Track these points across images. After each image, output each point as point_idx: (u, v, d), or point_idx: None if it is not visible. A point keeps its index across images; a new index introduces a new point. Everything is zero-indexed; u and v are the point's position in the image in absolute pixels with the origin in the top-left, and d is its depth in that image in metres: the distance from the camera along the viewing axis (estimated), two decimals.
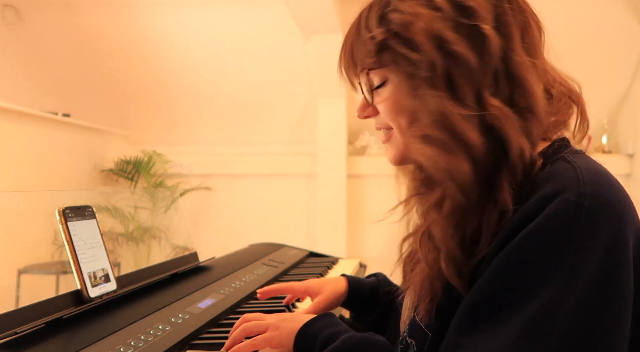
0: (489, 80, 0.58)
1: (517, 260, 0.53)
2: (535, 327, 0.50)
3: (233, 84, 4.03)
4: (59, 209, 0.87)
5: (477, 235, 0.58)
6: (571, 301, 0.50)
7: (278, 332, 0.75)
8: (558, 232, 0.52)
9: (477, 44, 0.58)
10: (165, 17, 3.80)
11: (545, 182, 0.56)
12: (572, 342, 0.49)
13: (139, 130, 4.31)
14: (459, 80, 0.58)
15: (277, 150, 4.18)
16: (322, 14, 3.17)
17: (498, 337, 0.52)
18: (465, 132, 0.57)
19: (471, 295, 0.56)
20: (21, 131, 3.16)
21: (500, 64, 0.58)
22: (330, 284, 0.99)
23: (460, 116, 0.57)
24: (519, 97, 0.59)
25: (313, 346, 0.71)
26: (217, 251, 1.60)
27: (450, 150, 0.57)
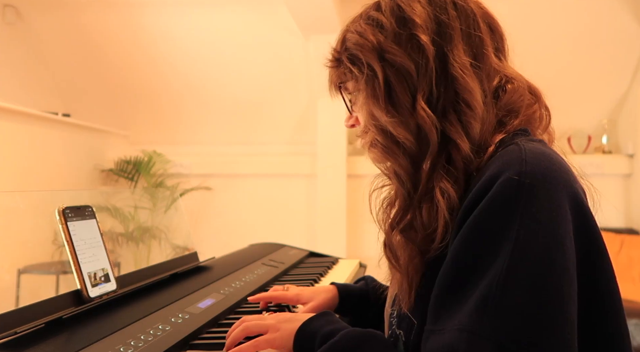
0: (426, 84, 0.65)
1: (469, 241, 0.58)
2: (488, 299, 0.53)
3: (233, 84, 4.03)
4: (59, 209, 0.87)
5: (430, 223, 0.64)
6: (519, 271, 0.53)
7: (279, 333, 0.75)
8: (502, 210, 0.56)
9: (415, 52, 0.65)
10: (165, 17, 3.80)
11: (493, 164, 0.60)
12: (522, 309, 0.52)
13: (139, 130, 4.31)
14: (397, 87, 0.66)
15: (277, 150, 4.18)
16: (322, 14, 3.17)
17: (459, 315, 0.55)
18: (397, 135, 0.66)
19: (437, 281, 0.60)
20: (21, 131, 3.16)
21: (438, 67, 0.65)
22: (323, 292, 1.01)
23: (395, 123, 0.66)
24: (457, 95, 0.65)
25: (313, 344, 0.71)
26: (217, 251, 1.60)
27: (389, 151, 0.67)
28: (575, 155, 3.81)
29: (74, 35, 3.98)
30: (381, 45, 0.67)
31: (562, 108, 4.77)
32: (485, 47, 0.68)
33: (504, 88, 0.68)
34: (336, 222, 3.83)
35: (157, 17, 3.82)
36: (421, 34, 0.65)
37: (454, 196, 0.62)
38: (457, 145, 0.64)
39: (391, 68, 0.66)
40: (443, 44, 0.65)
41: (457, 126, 0.64)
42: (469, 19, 0.68)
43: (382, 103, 0.66)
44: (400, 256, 0.68)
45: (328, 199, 3.85)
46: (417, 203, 0.66)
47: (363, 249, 3.94)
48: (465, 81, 0.64)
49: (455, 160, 0.64)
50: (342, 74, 0.74)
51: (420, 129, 0.65)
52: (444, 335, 0.56)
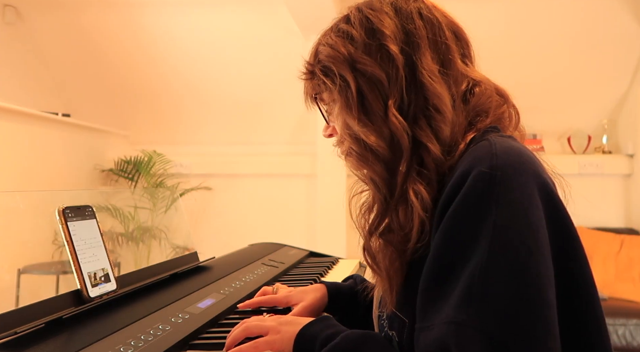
0: (396, 92, 0.67)
1: (448, 236, 0.59)
2: (471, 289, 0.55)
3: (233, 84, 4.03)
4: (59, 209, 0.87)
5: (406, 224, 0.67)
6: (497, 260, 0.55)
7: (279, 336, 0.75)
8: (477, 202, 0.58)
9: (385, 61, 0.68)
10: (165, 17, 3.80)
11: (464, 160, 0.63)
12: (504, 297, 0.54)
13: (139, 130, 4.31)
14: (369, 96, 0.68)
15: (277, 150, 4.18)
16: (322, 14, 3.17)
17: (445, 309, 0.57)
18: (371, 143, 0.68)
19: (422, 278, 0.62)
20: (21, 131, 3.16)
21: (408, 75, 0.68)
22: (312, 292, 1.01)
23: (368, 132, 0.68)
24: (426, 101, 0.67)
25: (313, 347, 0.71)
26: (217, 251, 1.60)
27: (364, 159, 0.70)
28: (575, 156, 3.81)
29: (74, 35, 3.98)
30: (352, 56, 0.69)
31: (562, 108, 4.81)
32: (451, 53, 0.71)
33: (472, 91, 0.71)
34: (336, 222, 3.83)
35: (157, 17, 3.82)
36: (390, 44, 0.68)
37: (426, 196, 0.65)
38: (427, 148, 0.66)
39: (363, 77, 0.68)
40: (411, 53, 0.68)
41: (427, 130, 0.67)
42: (434, 28, 0.70)
43: (355, 112, 0.69)
44: (380, 260, 0.69)
45: (328, 199, 3.85)
46: (393, 207, 0.68)
47: None
48: (434, 87, 0.67)
49: (427, 163, 0.66)
50: (316, 85, 0.76)
51: (393, 135, 0.67)
52: (433, 330, 0.57)
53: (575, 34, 3.46)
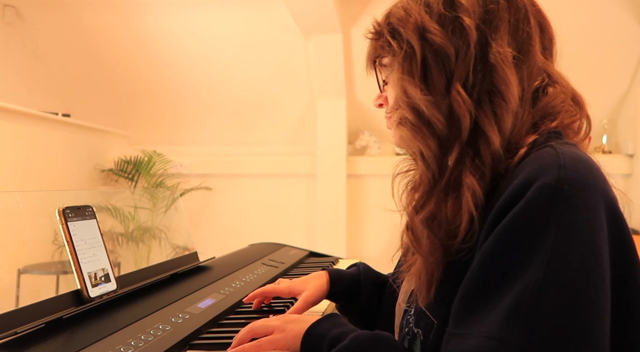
0: (462, 69, 0.63)
1: (501, 245, 0.56)
2: (520, 308, 0.52)
3: (233, 84, 4.03)
4: (59, 209, 0.87)
5: (454, 218, 0.62)
6: (553, 281, 0.52)
7: (284, 334, 0.75)
8: (538, 216, 0.54)
9: (457, 34, 0.64)
10: (165, 17, 3.80)
11: (527, 166, 0.58)
12: (555, 319, 0.51)
13: (139, 130, 4.31)
14: (433, 68, 0.64)
15: (277, 151, 4.18)
16: (322, 14, 3.17)
17: (487, 322, 0.54)
18: (429, 114, 0.64)
19: (463, 283, 0.59)
20: (21, 131, 3.16)
21: (478, 54, 0.63)
22: (313, 279, 1.01)
23: (426, 101, 0.64)
24: (492, 84, 0.63)
25: (321, 347, 0.71)
26: (217, 251, 1.60)
27: (419, 130, 0.65)
28: None
29: (74, 35, 3.98)
30: (424, 24, 0.65)
31: None
32: (532, 43, 0.66)
33: (544, 90, 0.67)
34: (336, 222, 3.83)
35: (157, 17, 3.82)
36: (465, 18, 0.64)
37: (479, 192, 0.61)
38: (487, 138, 0.62)
39: (430, 48, 0.64)
40: (487, 32, 0.64)
41: (490, 117, 0.62)
42: (518, 13, 0.66)
43: (416, 80, 0.65)
44: (424, 242, 0.65)
45: (328, 199, 3.85)
46: (441, 192, 0.64)
47: (363, 249, 3.94)
48: (504, 72, 0.63)
49: (483, 154, 0.62)
50: (380, 47, 0.72)
51: (453, 112, 0.63)
52: (469, 340, 0.55)
53: (575, 34, 3.46)
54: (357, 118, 4.00)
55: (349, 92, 3.88)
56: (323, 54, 3.58)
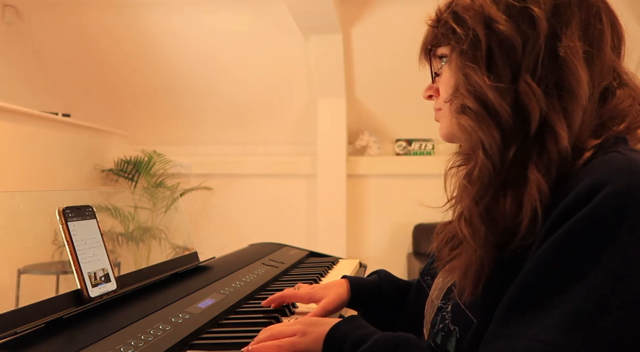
0: (530, 60, 0.61)
1: (565, 247, 0.53)
2: (583, 314, 0.50)
3: (233, 84, 4.03)
4: (59, 209, 0.87)
5: (515, 214, 0.59)
6: (622, 289, 0.50)
7: (306, 337, 0.74)
8: (608, 222, 0.52)
9: (525, 25, 0.61)
10: (165, 17, 3.80)
11: (595, 170, 0.56)
12: (622, 330, 0.49)
13: (139, 130, 4.31)
14: (498, 57, 0.62)
15: (277, 150, 4.18)
16: (322, 14, 3.17)
17: (541, 325, 0.52)
18: (495, 103, 0.61)
19: (516, 283, 0.57)
20: (21, 131, 3.16)
21: (547, 47, 0.61)
22: (334, 287, 1.00)
23: (492, 88, 0.61)
24: (561, 79, 0.60)
25: (342, 349, 0.70)
26: (217, 251, 1.60)
27: (482, 120, 0.62)
28: None
29: (74, 35, 3.98)
30: (490, 13, 0.63)
31: None
32: (604, 40, 0.64)
33: (613, 92, 0.64)
34: (336, 222, 3.83)
35: (157, 17, 3.82)
36: (535, 8, 0.61)
37: (546, 190, 0.58)
38: (556, 134, 0.59)
39: (496, 39, 0.62)
40: (557, 26, 0.61)
41: (559, 113, 0.59)
42: (591, 9, 0.64)
43: (482, 69, 0.62)
44: (478, 236, 0.61)
45: (328, 199, 3.85)
46: (501, 185, 0.61)
47: (363, 249, 3.94)
48: (575, 67, 0.60)
49: (550, 151, 0.59)
50: (440, 35, 0.70)
51: (521, 104, 0.60)
52: (520, 342, 0.53)
53: None
54: (357, 118, 4.00)
55: (349, 92, 3.88)
56: (323, 54, 3.58)
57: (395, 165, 3.90)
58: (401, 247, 3.89)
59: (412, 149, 3.97)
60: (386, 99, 3.90)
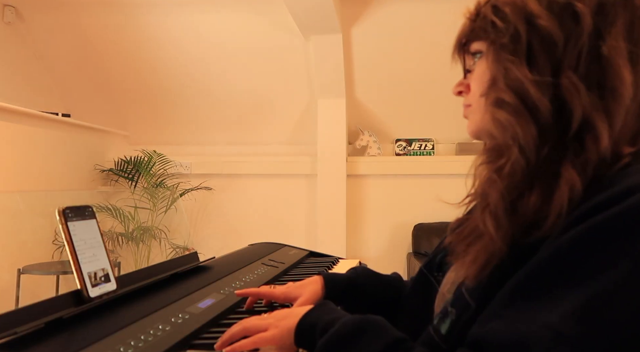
0: (571, 57, 0.60)
1: (586, 242, 0.53)
2: (590, 307, 0.50)
3: (233, 84, 4.03)
4: (59, 209, 0.87)
5: (540, 209, 0.59)
6: (632, 292, 0.50)
7: (278, 330, 0.75)
8: (636, 224, 0.52)
9: (567, 21, 0.60)
10: (165, 17, 3.80)
11: (631, 176, 0.56)
12: (625, 330, 0.49)
13: (139, 130, 4.31)
14: (538, 53, 0.61)
15: (277, 151, 4.18)
16: (322, 14, 3.17)
17: (545, 312, 0.52)
18: (535, 98, 0.59)
19: (525, 270, 0.56)
20: (21, 131, 3.16)
21: (589, 45, 0.59)
22: (309, 285, 1.01)
23: (533, 82, 0.60)
24: (604, 79, 0.59)
25: (314, 335, 0.71)
26: (217, 251, 1.60)
27: (520, 114, 0.60)
28: None
29: (74, 35, 3.98)
30: (532, 8, 0.62)
31: None
32: None
33: None
34: (336, 222, 3.83)
35: (157, 17, 3.82)
36: (579, 4, 0.60)
37: (579, 189, 0.57)
38: (597, 134, 0.58)
39: (537, 35, 0.61)
40: (601, 24, 0.60)
41: (601, 113, 0.58)
42: (636, 10, 0.62)
43: (523, 62, 0.61)
44: (503, 228, 0.61)
45: (328, 199, 3.85)
46: (530, 181, 0.60)
47: (363, 249, 3.94)
48: (619, 66, 0.59)
49: (589, 151, 0.58)
50: (478, 28, 0.68)
51: (562, 100, 0.59)
52: (519, 324, 0.53)
53: None
54: (357, 118, 4.00)
55: (349, 92, 3.88)
56: (323, 54, 3.58)
57: (395, 165, 3.90)
58: (401, 247, 3.89)
59: (412, 149, 3.97)
60: (386, 99, 3.90)
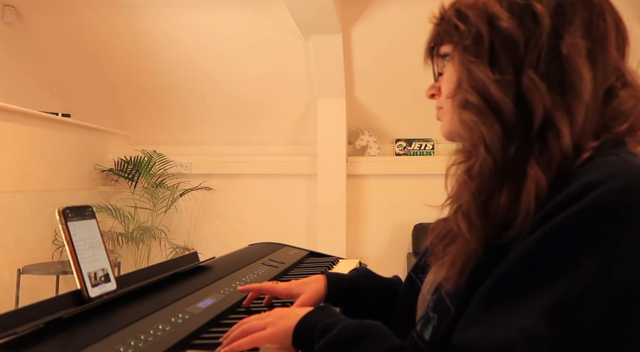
0: (532, 57, 0.61)
1: (552, 241, 0.54)
2: (561, 307, 0.50)
3: (233, 84, 4.03)
4: (59, 209, 0.87)
5: (510, 208, 0.59)
6: (603, 286, 0.50)
7: (276, 328, 0.76)
8: (599, 218, 0.52)
9: (527, 22, 0.62)
10: (165, 17, 3.80)
11: (592, 170, 0.56)
12: (597, 326, 0.49)
13: (139, 130, 4.31)
14: (500, 53, 0.62)
15: (277, 151, 4.18)
16: (322, 14, 3.17)
17: (519, 315, 0.52)
18: (498, 97, 0.61)
19: (497, 272, 0.57)
20: (21, 131, 3.16)
21: (549, 44, 0.61)
22: (312, 282, 1.01)
23: (494, 82, 0.61)
24: (564, 76, 0.60)
25: (311, 338, 0.71)
26: (217, 251, 1.60)
27: (484, 114, 0.62)
28: None
29: (73, 35, 3.98)
30: (494, 10, 0.63)
31: None
32: (607, 40, 0.64)
33: (616, 92, 0.64)
34: (336, 222, 3.83)
35: (157, 17, 3.82)
36: (537, 5, 0.62)
37: (544, 186, 0.58)
38: (558, 131, 0.59)
39: (498, 35, 0.63)
40: (559, 24, 0.61)
41: (562, 110, 0.59)
42: (594, 8, 0.64)
43: (485, 63, 0.63)
44: (473, 230, 0.62)
45: (328, 199, 3.85)
46: (499, 180, 0.61)
47: (363, 249, 3.94)
48: (578, 65, 0.60)
49: (552, 148, 0.59)
50: (443, 32, 0.70)
51: (524, 99, 0.60)
52: (497, 329, 0.53)
53: None
54: (357, 118, 4.00)
55: (349, 92, 3.88)
56: (323, 54, 3.58)
57: (395, 165, 3.90)
58: (401, 247, 3.88)
59: (412, 149, 3.97)
60: (386, 99, 3.90)
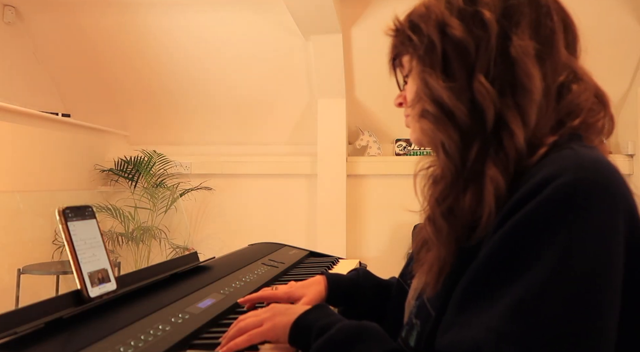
0: (483, 61, 0.63)
1: (511, 239, 0.55)
2: (524, 304, 0.52)
3: (233, 84, 4.03)
4: (59, 209, 0.87)
5: (474, 210, 0.61)
6: (562, 280, 0.51)
7: (273, 325, 0.76)
8: (553, 214, 0.53)
9: (476, 28, 0.64)
10: (165, 17, 3.80)
11: (546, 166, 0.58)
12: (559, 320, 0.51)
13: (139, 130, 4.31)
14: (453, 60, 0.64)
15: (277, 151, 4.18)
16: (322, 14, 3.17)
17: (488, 313, 0.54)
18: (450, 104, 0.63)
19: (467, 274, 0.59)
20: (21, 131, 3.16)
21: (498, 47, 0.63)
22: (312, 285, 1.01)
23: (446, 89, 0.64)
24: (514, 77, 0.62)
25: (308, 338, 0.71)
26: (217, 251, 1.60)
27: (440, 121, 0.64)
28: None
29: (73, 35, 3.98)
30: (444, 18, 0.65)
31: None
32: (555, 38, 0.66)
33: (569, 86, 0.66)
34: (336, 222, 3.83)
35: (157, 17, 3.82)
36: (485, 11, 0.64)
37: (502, 185, 0.60)
38: (511, 131, 0.61)
39: (450, 42, 0.65)
40: (507, 26, 0.64)
41: (513, 110, 0.61)
42: (541, 9, 0.66)
43: (438, 73, 0.65)
44: (443, 235, 0.64)
45: (328, 199, 3.85)
46: (462, 181, 0.63)
47: (363, 249, 3.94)
48: (526, 65, 0.62)
49: (507, 148, 0.61)
50: (400, 44, 0.73)
51: (476, 103, 0.62)
52: (470, 330, 0.54)
53: None
54: (357, 118, 4.00)
55: (349, 92, 3.88)
56: (323, 54, 3.58)
57: (395, 166, 3.90)
58: (401, 247, 3.88)
59: (412, 149, 3.97)
60: (386, 99, 3.89)
